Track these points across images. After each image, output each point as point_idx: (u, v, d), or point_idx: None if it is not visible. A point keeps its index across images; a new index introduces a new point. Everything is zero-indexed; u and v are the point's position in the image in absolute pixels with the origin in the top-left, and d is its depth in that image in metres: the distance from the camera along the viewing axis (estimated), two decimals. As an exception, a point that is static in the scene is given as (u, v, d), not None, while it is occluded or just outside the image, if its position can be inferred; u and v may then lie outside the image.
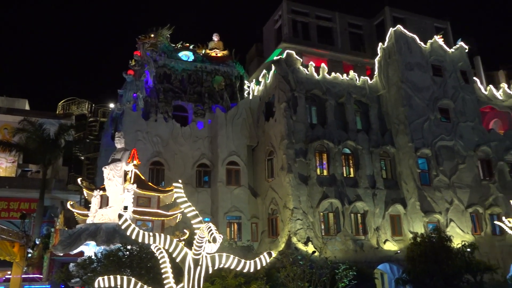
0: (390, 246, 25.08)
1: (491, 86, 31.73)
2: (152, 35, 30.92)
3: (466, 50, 31.12)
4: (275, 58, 28.92)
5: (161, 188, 21.55)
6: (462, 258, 21.73)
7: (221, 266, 8.45)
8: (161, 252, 8.34)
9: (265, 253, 8.51)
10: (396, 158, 27.46)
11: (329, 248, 23.16)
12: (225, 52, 33.23)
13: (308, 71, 27.65)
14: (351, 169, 26.60)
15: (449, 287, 20.69)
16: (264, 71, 30.34)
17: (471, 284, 21.30)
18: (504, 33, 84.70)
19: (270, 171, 26.69)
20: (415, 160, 26.48)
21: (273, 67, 27.66)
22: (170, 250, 8.11)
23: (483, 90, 30.87)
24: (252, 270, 8.48)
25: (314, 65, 28.21)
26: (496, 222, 25.72)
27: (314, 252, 19.88)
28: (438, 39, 30.79)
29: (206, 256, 8.25)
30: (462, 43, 31.20)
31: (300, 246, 22.57)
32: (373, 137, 27.39)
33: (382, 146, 27.28)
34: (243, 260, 8.41)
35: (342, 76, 28.54)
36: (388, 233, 25.42)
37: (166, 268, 8.28)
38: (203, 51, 32.68)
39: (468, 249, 22.16)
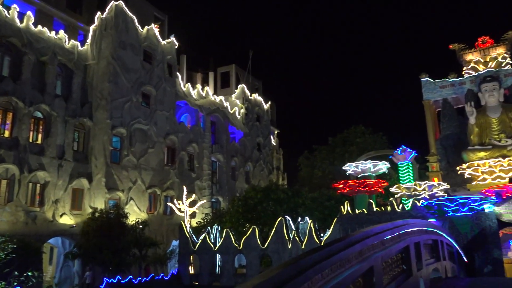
0: (67, 220, 24.40)
1: (189, 84, 35.76)
2: None
3: (176, 47, 33.96)
4: (-34, -16, 23.42)
5: None
6: (134, 234, 23.56)
7: None
8: None
9: None
10: (91, 132, 27.01)
11: (-6, 219, 20.57)
12: None
13: (9, 14, 23.69)
14: (40, 135, 24.43)
15: (116, 260, 21.89)
16: None
17: (137, 257, 23.28)
18: (210, 43, 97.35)
19: None
20: (110, 138, 26.82)
21: (-40, -6, 22.31)
22: None
23: (182, 86, 34.42)
24: None
25: (18, 10, 24.43)
26: (168, 203, 29.05)
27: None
28: (155, 28, 32.35)
29: None
30: (174, 39, 33.85)
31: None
32: (72, 106, 26.05)
33: (79, 118, 26.33)
34: None
35: (50, 33, 25.89)
36: (67, 206, 24.67)
37: None
38: None
39: (140, 226, 24.19)
